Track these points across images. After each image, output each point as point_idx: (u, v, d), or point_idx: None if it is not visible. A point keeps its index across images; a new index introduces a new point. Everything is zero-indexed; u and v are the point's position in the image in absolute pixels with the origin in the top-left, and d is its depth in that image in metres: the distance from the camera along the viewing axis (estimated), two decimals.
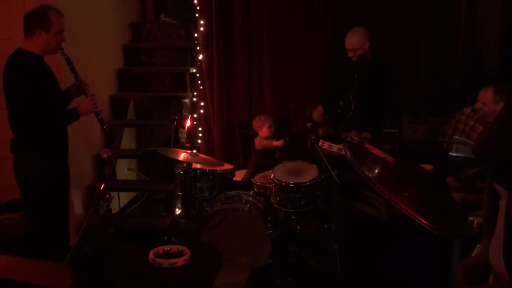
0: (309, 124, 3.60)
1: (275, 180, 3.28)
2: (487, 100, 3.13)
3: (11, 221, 3.35)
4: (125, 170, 4.70)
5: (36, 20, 2.66)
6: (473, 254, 1.74)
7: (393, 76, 3.82)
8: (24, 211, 2.89)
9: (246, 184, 3.67)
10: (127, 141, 4.78)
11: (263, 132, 3.85)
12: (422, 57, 4.25)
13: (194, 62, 4.65)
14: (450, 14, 4.16)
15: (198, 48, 4.46)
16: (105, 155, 2.35)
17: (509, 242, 1.34)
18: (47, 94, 2.68)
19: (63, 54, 2.81)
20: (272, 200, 3.32)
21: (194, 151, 3.44)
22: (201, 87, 4.52)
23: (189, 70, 4.67)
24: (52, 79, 2.81)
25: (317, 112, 3.91)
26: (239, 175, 3.85)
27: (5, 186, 3.25)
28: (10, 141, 2.75)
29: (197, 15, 4.41)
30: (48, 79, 2.77)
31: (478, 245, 1.73)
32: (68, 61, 2.82)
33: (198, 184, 3.45)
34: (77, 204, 3.79)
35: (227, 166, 3.62)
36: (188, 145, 3.60)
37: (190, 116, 4.18)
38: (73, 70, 2.84)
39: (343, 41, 3.69)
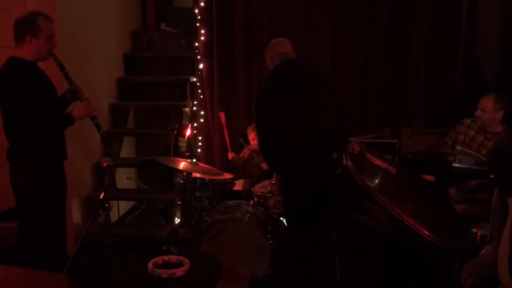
0: None
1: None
2: (487, 107, 3.16)
3: (8, 230, 3.32)
4: (124, 179, 4.68)
5: (25, 27, 2.62)
6: (481, 254, 1.72)
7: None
8: (19, 220, 2.86)
9: (248, 194, 3.65)
10: (127, 150, 4.76)
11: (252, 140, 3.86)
12: (422, 68, 4.26)
13: (194, 71, 4.66)
14: (451, 26, 4.18)
15: (198, 57, 4.47)
16: (105, 164, 2.34)
17: None
18: (42, 100, 2.65)
19: (56, 59, 2.77)
20: (272, 203, 3.30)
21: (194, 160, 3.43)
22: (201, 96, 4.52)
23: (189, 79, 4.67)
24: (48, 84, 2.79)
25: None
26: (239, 185, 3.83)
27: (2, 195, 3.23)
28: (6, 149, 2.73)
29: (197, 24, 4.42)
30: (44, 85, 2.74)
31: (488, 245, 1.71)
32: (61, 67, 2.79)
33: (197, 194, 3.43)
34: (76, 213, 3.77)
35: (227, 176, 3.61)
36: (188, 154, 3.59)
37: (190, 125, 4.18)
38: (66, 75, 2.81)
39: (344, 53, 3.68)
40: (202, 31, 4.41)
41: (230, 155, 4.00)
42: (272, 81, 2.89)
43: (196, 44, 4.48)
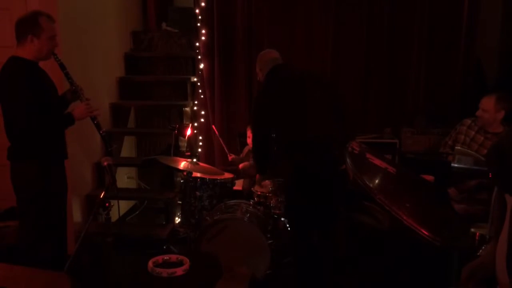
0: None
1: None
2: (489, 107, 3.17)
3: (9, 229, 3.33)
4: (125, 178, 4.69)
5: (27, 27, 2.63)
6: (478, 254, 1.72)
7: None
8: (19, 219, 2.86)
9: (248, 193, 3.66)
10: (127, 149, 4.77)
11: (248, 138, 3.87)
12: (423, 69, 4.27)
13: (195, 71, 4.67)
14: (451, 27, 4.19)
15: (199, 57, 4.48)
16: (105, 163, 2.34)
17: None
18: (43, 99, 2.65)
19: (57, 59, 2.78)
20: (273, 204, 3.30)
21: (194, 159, 3.43)
22: (202, 96, 4.53)
23: (190, 79, 4.68)
24: (49, 84, 2.79)
25: None
26: (239, 184, 3.83)
27: (3, 194, 3.24)
28: (7, 148, 2.73)
29: (198, 24, 4.43)
30: (44, 84, 2.74)
31: (485, 246, 1.71)
32: (62, 67, 2.79)
33: (198, 193, 3.43)
34: (76, 212, 3.78)
35: (227, 175, 3.61)
36: (189, 153, 3.59)
37: (190, 125, 4.18)
38: (67, 75, 2.81)
39: (344, 53, 3.69)
40: (203, 31, 4.42)
41: (230, 157, 4.01)
42: (268, 85, 2.91)
43: (197, 43, 4.48)
